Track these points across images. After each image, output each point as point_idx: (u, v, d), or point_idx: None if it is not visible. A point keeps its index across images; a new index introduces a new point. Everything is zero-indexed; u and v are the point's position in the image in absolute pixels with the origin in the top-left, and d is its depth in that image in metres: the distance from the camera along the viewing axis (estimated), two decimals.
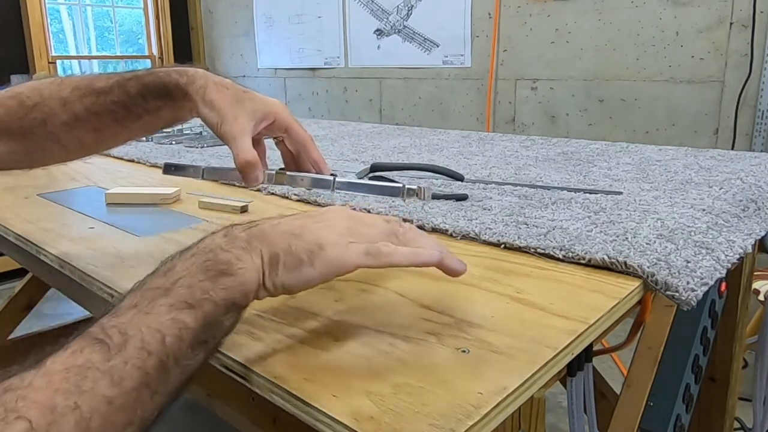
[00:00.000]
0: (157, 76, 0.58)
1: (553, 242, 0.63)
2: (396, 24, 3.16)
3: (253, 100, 0.58)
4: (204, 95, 0.56)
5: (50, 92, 0.58)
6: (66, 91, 0.58)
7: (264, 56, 3.94)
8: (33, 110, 0.58)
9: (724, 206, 0.77)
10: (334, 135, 1.53)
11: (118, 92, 0.58)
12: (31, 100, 0.58)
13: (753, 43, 2.13)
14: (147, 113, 0.59)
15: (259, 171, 0.56)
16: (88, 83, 0.58)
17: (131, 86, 0.58)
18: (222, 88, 0.57)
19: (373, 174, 0.91)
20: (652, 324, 0.70)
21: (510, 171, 1.01)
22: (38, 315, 2.36)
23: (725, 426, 1.12)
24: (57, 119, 0.58)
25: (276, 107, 0.60)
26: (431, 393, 0.38)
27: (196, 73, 0.57)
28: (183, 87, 0.57)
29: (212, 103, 0.56)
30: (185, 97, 0.57)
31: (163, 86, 0.57)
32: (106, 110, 0.58)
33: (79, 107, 0.58)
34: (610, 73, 2.51)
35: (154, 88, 0.58)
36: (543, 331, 0.46)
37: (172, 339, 0.36)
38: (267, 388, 0.41)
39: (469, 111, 2.99)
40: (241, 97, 0.57)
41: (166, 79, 0.57)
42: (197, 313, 0.38)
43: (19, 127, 0.57)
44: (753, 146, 2.19)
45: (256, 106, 0.58)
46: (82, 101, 0.58)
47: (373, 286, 0.56)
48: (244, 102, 0.57)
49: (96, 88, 0.58)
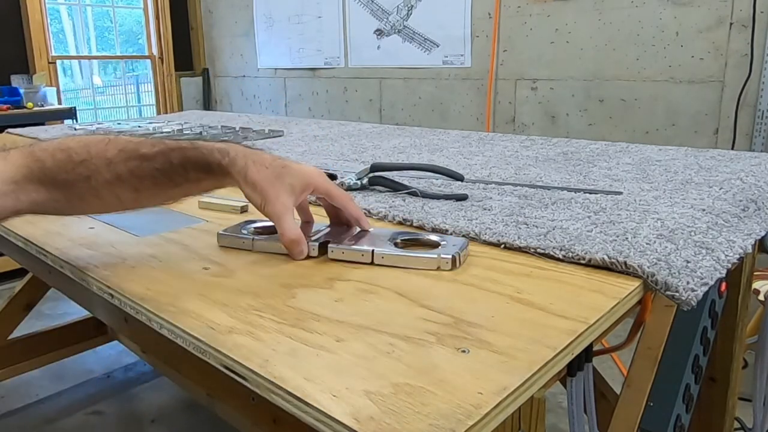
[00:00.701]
0: (200, 153, 0.62)
1: (553, 242, 0.63)
2: (396, 24, 3.16)
3: (292, 174, 0.62)
4: (245, 176, 0.61)
5: (97, 151, 0.61)
6: (112, 152, 0.62)
7: (264, 56, 3.94)
8: (80, 165, 0.61)
9: (724, 206, 0.77)
10: (334, 135, 1.53)
11: (161, 160, 0.62)
12: (79, 156, 0.61)
13: (753, 43, 2.13)
14: (187, 182, 0.63)
15: (303, 245, 0.62)
16: (134, 147, 0.62)
17: (174, 157, 0.62)
18: (261, 167, 0.61)
19: (374, 174, 0.91)
20: (652, 324, 0.70)
21: (510, 171, 1.01)
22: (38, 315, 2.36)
23: (725, 426, 1.12)
24: (101, 177, 0.61)
25: (313, 178, 0.64)
26: (431, 393, 0.38)
27: (237, 155, 0.62)
28: (225, 167, 0.62)
29: (254, 184, 0.61)
30: (227, 175, 0.62)
31: (206, 163, 0.62)
32: (148, 175, 0.62)
33: (123, 169, 0.62)
34: (610, 73, 2.51)
35: (197, 163, 0.62)
36: (543, 331, 0.46)
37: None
38: (267, 388, 0.41)
39: (469, 111, 2.99)
40: (280, 173, 0.62)
41: (209, 157, 0.62)
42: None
43: (64, 179, 0.61)
44: (753, 146, 2.19)
45: (295, 180, 0.62)
46: (126, 164, 0.62)
47: (373, 286, 0.56)
48: (283, 178, 0.62)
49: (141, 153, 0.62)
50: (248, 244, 0.65)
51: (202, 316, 0.50)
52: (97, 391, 2.03)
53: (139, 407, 1.94)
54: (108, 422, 1.86)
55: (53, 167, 0.60)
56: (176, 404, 1.94)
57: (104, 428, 1.83)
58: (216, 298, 0.54)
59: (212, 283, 0.58)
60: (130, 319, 0.57)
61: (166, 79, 4.27)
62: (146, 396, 1.99)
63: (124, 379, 2.11)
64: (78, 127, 1.86)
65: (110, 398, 1.98)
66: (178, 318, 0.50)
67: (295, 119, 2.00)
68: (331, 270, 0.60)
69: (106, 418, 1.88)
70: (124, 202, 0.64)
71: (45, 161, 0.60)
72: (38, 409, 1.92)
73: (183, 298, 0.54)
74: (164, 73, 4.26)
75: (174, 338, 0.49)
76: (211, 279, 0.59)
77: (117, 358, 2.24)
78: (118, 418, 1.88)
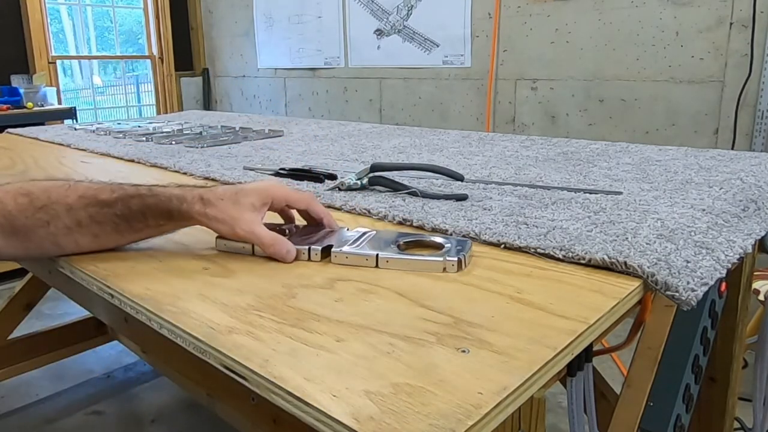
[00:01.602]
0: (158, 200, 0.63)
1: (553, 242, 0.63)
2: (396, 24, 3.16)
3: (248, 194, 0.64)
4: (206, 214, 0.63)
5: (57, 196, 0.62)
6: (72, 198, 0.62)
7: (264, 56, 3.94)
8: (40, 211, 0.61)
9: (724, 206, 0.77)
10: (334, 135, 1.53)
11: (121, 207, 0.63)
12: (39, 201, 0.62)
13: (753, 43, 2.13)
14: (147, 228, 0.64)
15: (285, 244, 0.62)
16: (93, 194, 0.63)
17: (134, 204, 0.63)
18: (218, 200, 0.63)
19: (374, 175, 0.91)
20: (652, 324, 0.70)
21: (510, 171, 1.01)
22: (38, 315, 2.37)
23: (725, 426, 1.12)
24: (60, 223, 0.62)
25: (268, 190, 0.65)
26: (431, 393, 0.38)
27: (192, 198, 0.63)
28: (185, 212, 0.63)
29: (216, 217, 0.62)
30: (189, 219, 0.64)
31: (167, 210, 0.63)
32: (108, 221, 0.63)
33: (83, 215, 0.62)
34: (610, 73, 2.51)
35: (156, 210, 0.63)
36: (543, 331, 0.46)
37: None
38: (267, 388, 0.41)
39: (469, 111, 2.99)
40: (236, 198, 0.63)
41: (168, 204, 0.63)
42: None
43: (23, 225, 0.61)
44: (753, 146, 2.19)
45: (252, 197, 0.64)
46: (87, 210, 0.62)
47: (373, 286, 0.56)
48: (241, 201, 0.63)
49: (100, 199, 0.63)
50: (248, 249, 0.65)
51: (202, 316, 0.50)
52: (97, 391, 2.03)
53: (139, 407, 1.94)
54: (108, 422, 1.86)
55: (14, 210, 0.61)
56: (176, 404, 1.94)
57: (104, 428, 1.83)
58: (216, 298, 0.54)
59: (212, 283, 0.58)
60: (130, 319, 0.57)
61: (166, 79, 4.27)
62: (146, 396, 2.00)
63: (124, 379, 2.11)
64: (78, 127, 1.85)
65: (110, 398, 1.98)
66: (178, 318, 0.50)
67: (295, 119, 2.00)
68: (331, 270, 0.60)
69: (106, 418, 1.88)
70: (82, 247, 0.64)
71: (7, 204, 0.60)
72: (38, 409, 1.92)
73: (183, 298, 0.54)
74: (164, 73, 4.26)
75: (174, 338, 0.49)
76: (211, 279, 0.59)
77: (117, 358, 2.24)
78: (118, 418, 1.88)
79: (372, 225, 0.74)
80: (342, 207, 0.82)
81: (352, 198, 0.85)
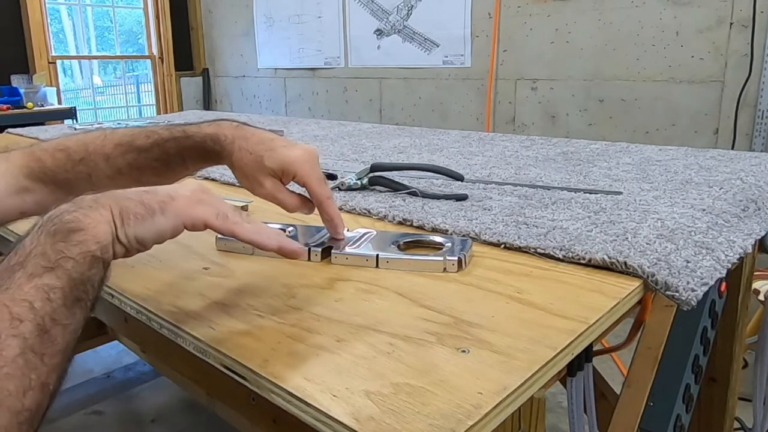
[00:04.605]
0: (194, 141, 0.63)
1: (553, 242, 0.63)
2: (396, 24, 3.16)
3: (274, 159, 0.60)
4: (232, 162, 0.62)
5: (95, 147, 0.62)
6: (109, 147, 0.63)
7: (264, 56, 3.94)
8: (79, 164, 0.62)
9: (724, 206, 0.77)
10: (334, 135, 1.53)
11: (158, 151, 0.63)
12: (77, 155, 0.62)
13: (753, 43, 2.13)
14: (185, 169, 0.65)
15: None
16: (129, 140, 0.63)
17: (170, 148, 0.63)
18: (246, 153, 0.61)
19: (374, 174, 0.91)
20: (652, 324, 0.70)
21: (510, 171, 1.01)
22: None
23: (725, 426, 1.12)
24: (101, 173, 0.62)
25: (295, 165, 0.60)
26: (431, 393, 0.38)
27: (226, 139, 0.62)
28: (218, 153, 0.63)
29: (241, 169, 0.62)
30: (220, 159, 0.64)
31: (203, 151, 0.63)
32: (147, 166, 0.63)
33: (122, 162, 0.63)
34: (610, 73, 2.51)
35: (194, 152, 0.63)
36: (543, 331, 0.46)
37: (42, 303, 0.37)
38: (267, 388, 0.41)
39: (469, 111, 2.99)
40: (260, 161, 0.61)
41: (203, 145, 0.63)
42: (58, 272, 0.39)
43: (65, 179, 0.61)
44: (753, 146, 2.19)
45: (275, 163, 0.60)
46: (125, 157, 0.63)
47: (374, 286, 0.56)
48: (264, 166, 0.60)
49: (137, 145, 0.63)
50: (248, 249, 0.65)
51: (202, 316, 0.50)
52: (97, 391, 2.03)
53: (139, 407, 1.93)
54: (108, 422, 1.86)
55: (53, 167, 0.61)
56: (176, 404, 1.94)
57: (104, 428, 1.83)
58: (216, 298, 0.54)
59: (212, 283, 0.58)
60: (130, 319, 0.57)
61: (166, 79, 4.27)
62: (146, 396, 1.99)
63: (124, 379, 2.11)
64: (78, 127, 1.86)
65: (110, 398, 1.98)
66: (178, 318, 0.50)
67: (295, 119, 2.00)
68: (331, 270, 0.60)
69: (106, 418, 1.88)
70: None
71: (45, 161, 0.61)
72: None
73: (183, 298, 0.54)
74: (164, 73, 4.26)
75: (174, 338, 0.49)
76: (211, 279, 0.59)
77: (117, 358, 2.24)
78: (118, 418, 1.88)
79: (372, 225, 0.74)
80: (342, 207, 0.82)
81: (352, 198, 0.85)
